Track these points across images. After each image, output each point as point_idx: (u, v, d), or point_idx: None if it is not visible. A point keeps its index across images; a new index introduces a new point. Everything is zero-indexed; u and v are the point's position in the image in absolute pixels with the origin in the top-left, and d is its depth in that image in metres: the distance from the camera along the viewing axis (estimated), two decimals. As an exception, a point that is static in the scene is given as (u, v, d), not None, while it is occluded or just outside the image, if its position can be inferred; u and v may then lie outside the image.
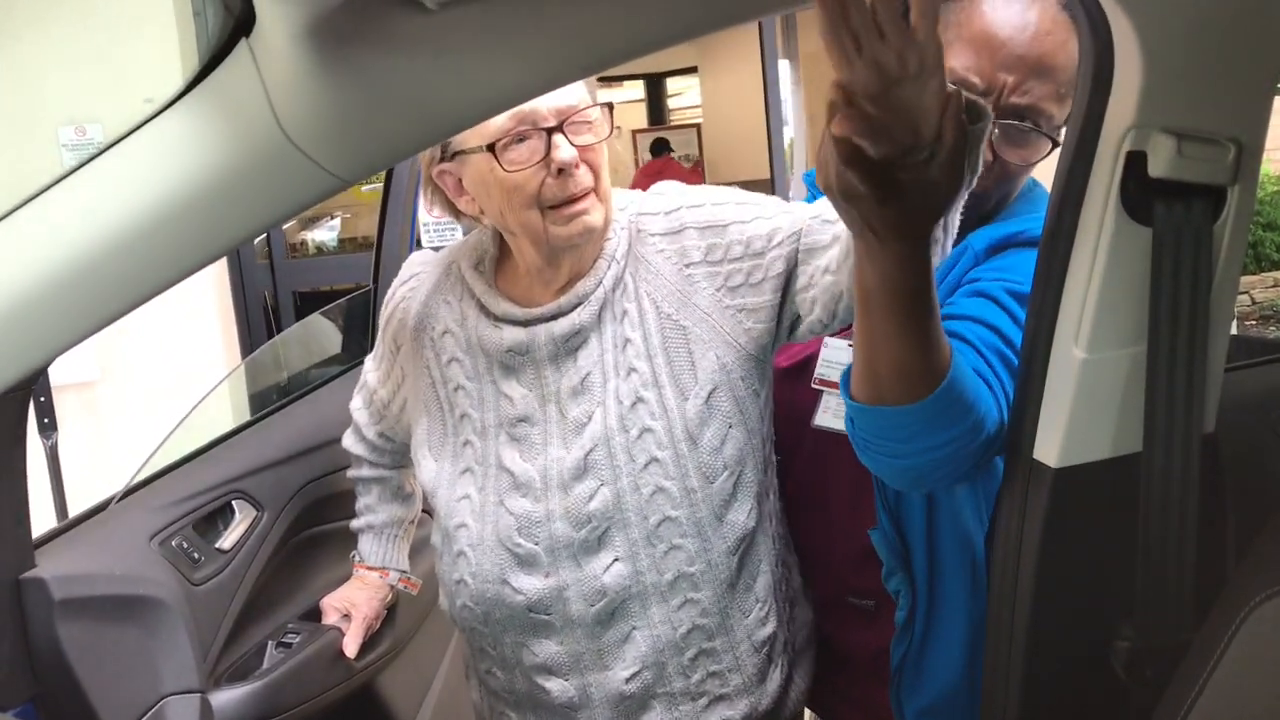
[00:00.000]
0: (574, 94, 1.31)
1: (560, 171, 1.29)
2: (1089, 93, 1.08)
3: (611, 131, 1.35)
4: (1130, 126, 1.05)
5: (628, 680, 1.38)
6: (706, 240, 1.36)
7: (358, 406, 1.66)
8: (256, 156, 0.90)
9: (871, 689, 1.50)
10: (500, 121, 1.28)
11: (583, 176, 1.32)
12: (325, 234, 5.85)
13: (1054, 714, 1.19)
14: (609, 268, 1.37)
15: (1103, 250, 1.08)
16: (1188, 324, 1.06)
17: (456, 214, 1.43)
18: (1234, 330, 1.17)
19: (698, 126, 9.56)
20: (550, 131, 1.29)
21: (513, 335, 1.37)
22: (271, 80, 0.88)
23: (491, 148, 1.29)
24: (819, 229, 1.30)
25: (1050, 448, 1.13)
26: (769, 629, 1.41)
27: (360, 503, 1.70)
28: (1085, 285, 1.10)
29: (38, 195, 0.98)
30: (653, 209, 1.40)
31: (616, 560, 1.34)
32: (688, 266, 1.36)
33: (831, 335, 1.46)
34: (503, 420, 1.39)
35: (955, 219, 1.10)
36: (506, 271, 1.44)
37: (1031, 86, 1.27)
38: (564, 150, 1.29)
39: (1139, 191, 1.07)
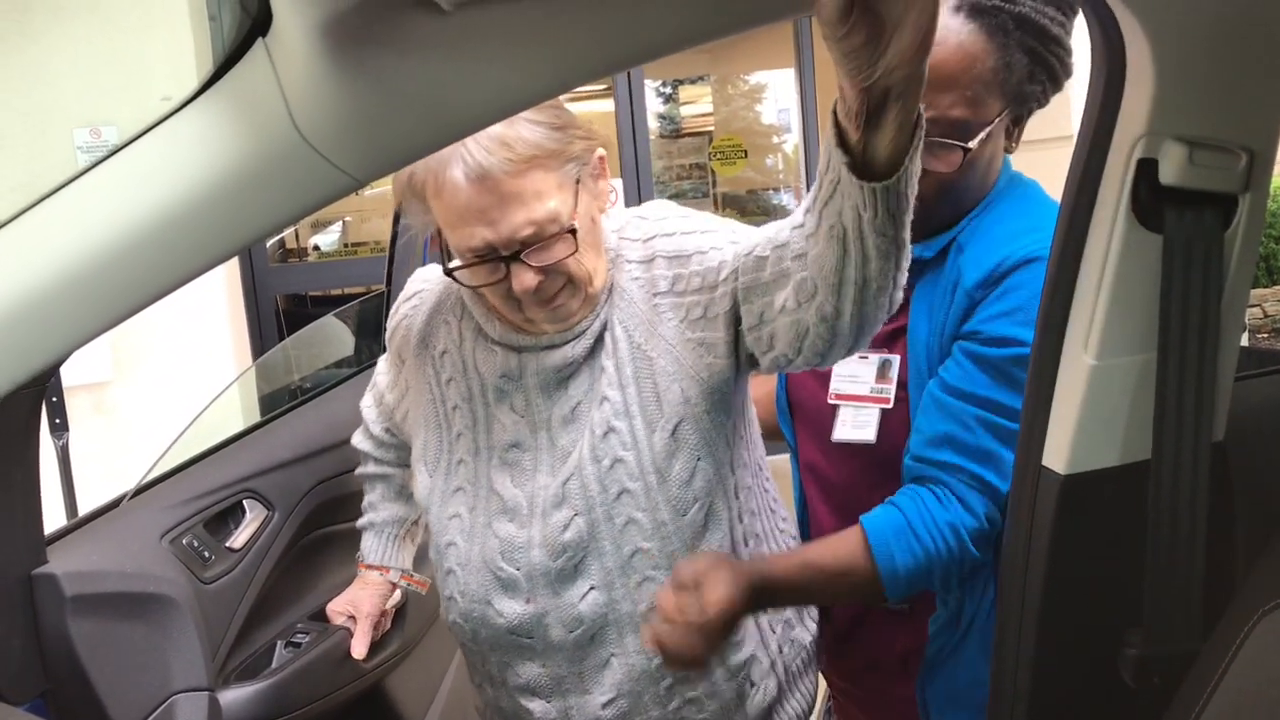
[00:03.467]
0: (537, 215, 1.24)
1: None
2: (1100, 99, 1.08)
3: (578, 249, 1.27)
4: (1141, 134, 1.05)
5: (604, 706, 1.37)
6: (673, 270, 1.33)
7: (368, 404, 1.67)
8: (271, 156, 0.90)
9: (893, 688, 1.51)
10: (459, 246, 1.26)
11: (550, 285, 1.28)
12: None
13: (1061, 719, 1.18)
14: (605, 299, 1.35)
15: (1113, 257, 1.08)
16: (1198, 331, 1.06)
17: None
18: (1245, 342, 1.17)
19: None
20: (508, 261, 1.26)
21: (504, 361, 1.37)
22: (287, 80, 0.88)
23: (451, 273, 1.29)
24: (754, 267, 1.23)
25: (1059, 454, 1.13)
26: (745, 654, 1.40)
27: (365, 500, 1.71)
28: (1095, 292, 1.10)
29: (52, 193, 0.98)
30: (633, 235, 1.38)
31: (592, 589, 1.34)
32: (655, 296, 1.33)
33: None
34: (495, 444, 1.39)
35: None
36: None
37: (931, 99, 1.25)
38: (523, 279, 1.26)
39: (1150, 199, 1.07)
